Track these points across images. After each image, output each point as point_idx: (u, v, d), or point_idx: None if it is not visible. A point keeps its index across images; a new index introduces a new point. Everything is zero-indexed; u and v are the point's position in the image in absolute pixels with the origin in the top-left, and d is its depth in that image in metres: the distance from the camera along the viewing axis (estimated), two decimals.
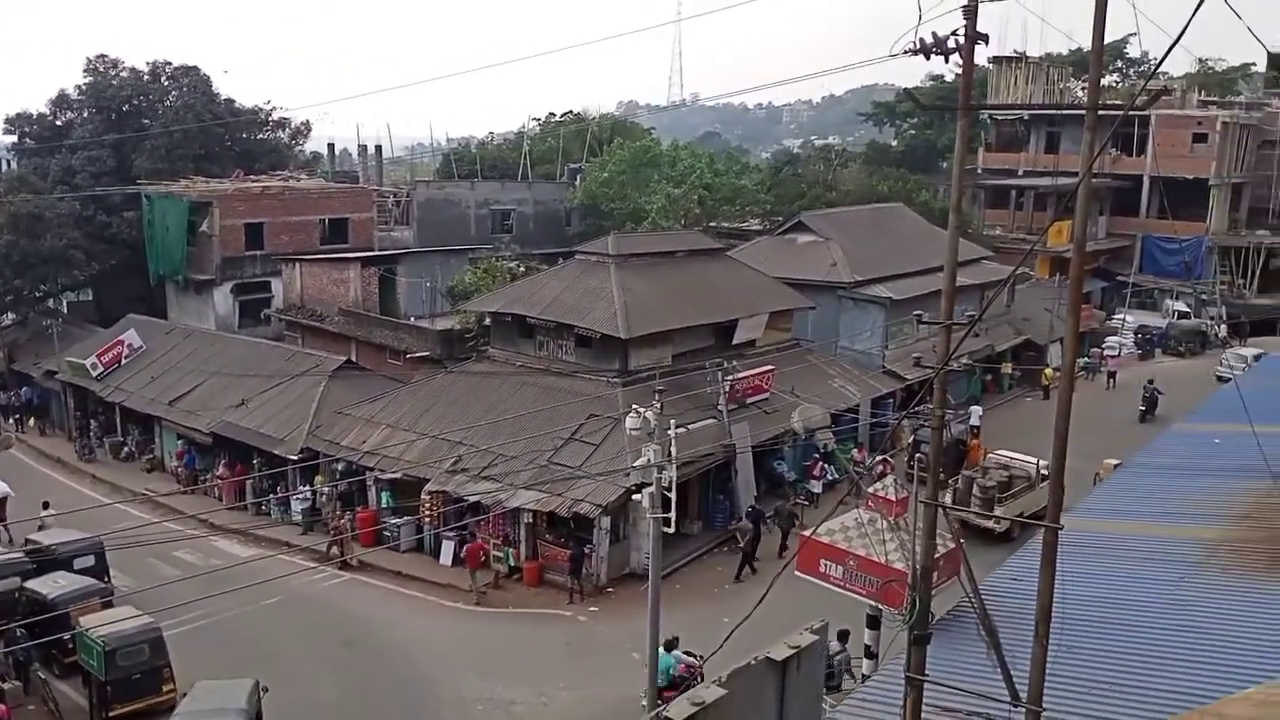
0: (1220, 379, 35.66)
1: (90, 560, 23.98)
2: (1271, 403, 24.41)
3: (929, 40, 9.25)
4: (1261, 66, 65.08)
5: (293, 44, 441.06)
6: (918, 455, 13.12)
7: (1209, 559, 16.02)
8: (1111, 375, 41.17)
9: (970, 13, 9.09)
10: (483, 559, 25.72)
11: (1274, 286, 54.52)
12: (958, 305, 14.96)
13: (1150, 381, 36.88)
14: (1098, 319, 48.82)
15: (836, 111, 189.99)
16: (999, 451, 28.28)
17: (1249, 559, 15.88)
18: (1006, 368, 41.05)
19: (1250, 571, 15.41)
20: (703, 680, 14.48)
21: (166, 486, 35.17)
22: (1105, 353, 42.57)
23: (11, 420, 43.14)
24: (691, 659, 17.89)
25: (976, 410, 35.52)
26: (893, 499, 15.21)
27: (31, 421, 43.57)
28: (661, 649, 17.37)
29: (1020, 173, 58.19)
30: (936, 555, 12.55)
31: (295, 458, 30.84)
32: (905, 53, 9.31)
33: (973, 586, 11.80)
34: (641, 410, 13.83)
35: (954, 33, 9.20)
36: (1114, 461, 25.08)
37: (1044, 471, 25.25)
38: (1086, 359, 42.23)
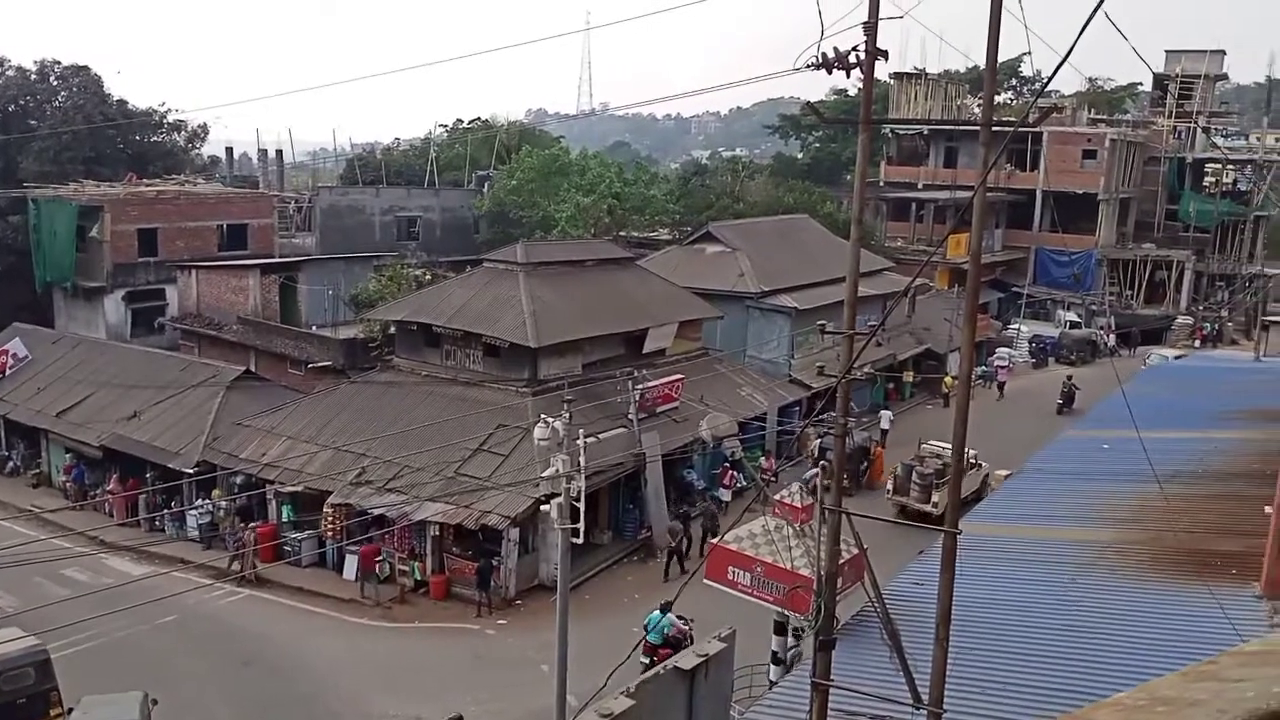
0: None
1: None
2: (1156, 408, 25.51)
3: (831, 55, 9.41)
4: (1147, 86, 68.21)
5: (191, 46, 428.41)
6: (822, 462, 13.33)
7: (1097, 560, 16.63)
8: (1000, 386, 42.46)
9: (870, 29, 9.28)
10: (377, 565, 25.30)
11: (1158, 297, 57.12)
12: (861, 315, 15.26)
13: (1069, 378, 39.45)
14: (994, 329, 50.36)
15: (744, 123, 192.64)
16: (930, 442, 29.39)
17: (1133, 560, 16.54)
18: (908, 376, 42.06)
19: (1134, 573, 16.05)
20: (693, 643, 14.73)
21: (54, 502, 33.61)
22: (995, 363, 43.87)
23: None
24: (684, 623, 18.69)
25: (887, 414, 36.63)
26: (798, 506, 15.41)
27: None
28: (657, 610, 18.80)
29: (920, 186, 59.76)
30: (841, 561, 12.76)
31: (191, 471, 29.85)
32: (808, 67, 9.46)
33: (876, 591, 12.02)
34: (550, 420, 13.76)
35: (855, 48, 9.38)
36: (1005, 473, 25.86)
37: (973, 460, 27.29)
38: (984, 367, 43.54)
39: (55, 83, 50.93)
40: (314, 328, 39.05)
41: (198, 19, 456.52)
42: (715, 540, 17.29)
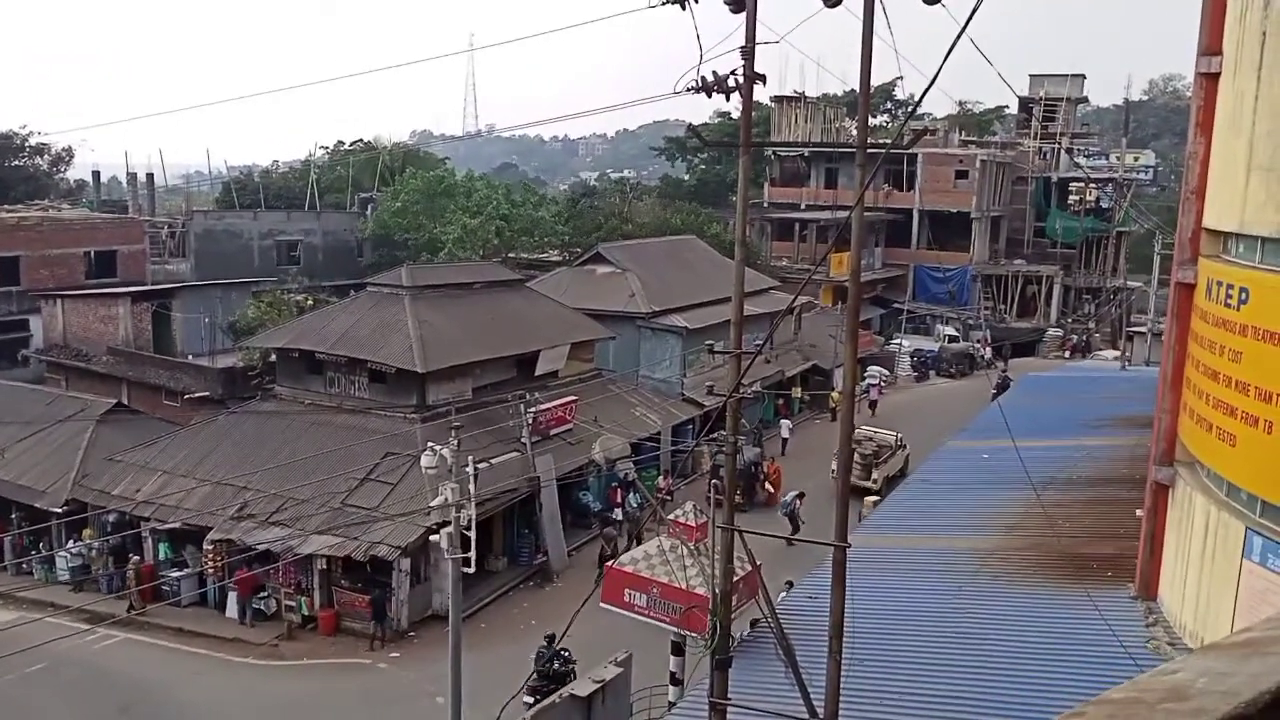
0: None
1: None
2: (1030, 419, 26.54)
3: (710, 79, 9.52)
4: (1013, 109, 71.31)
5: (54, 66, 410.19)
6: (714, 480, 13.25)
7: (982, 568, 17.15)
8: (873, 405, 42.56)
9: (748, 54, 9.42)
10: (263, 601, 24.56)
11: (1030, 311, 59.61)
12: (749, 333, 15.37)
13: (1004, 370, 42.38)
14: (877, 344, 51.69)
15: (631, 145, 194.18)
16: (863, 427, 31.72)
17: (1016, 566, 17.11)
18: (796, 392, 42.81)
19: (1018, 579, 16.60)
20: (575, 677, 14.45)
21: None
22: (866, 381, 44.10)
23: None
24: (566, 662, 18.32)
25: (786, 424, 37.79)
26: (693, 524, 15.45)
27: None
28: (543, 645, 18.52)
29: (803, 206, 61.09)
30: (736, 578, 12.83)
31: (60, 510, 28.34)
32: (688, 90, 9.55)
33: (770, 608, 12.12)
34: (437, 448, 13.46)
35: (733, 72, 9.51)
36: (873, 499, 26.36)
37: (901, 442, 32.67)
38: (886, 372, 44.84)
39: None
40: (190, 357, 37.66)
41: (61, 38, 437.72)
42: (608, 565, 17.17)
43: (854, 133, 61.11)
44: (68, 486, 28.74)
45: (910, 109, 63.61)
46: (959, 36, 7.31)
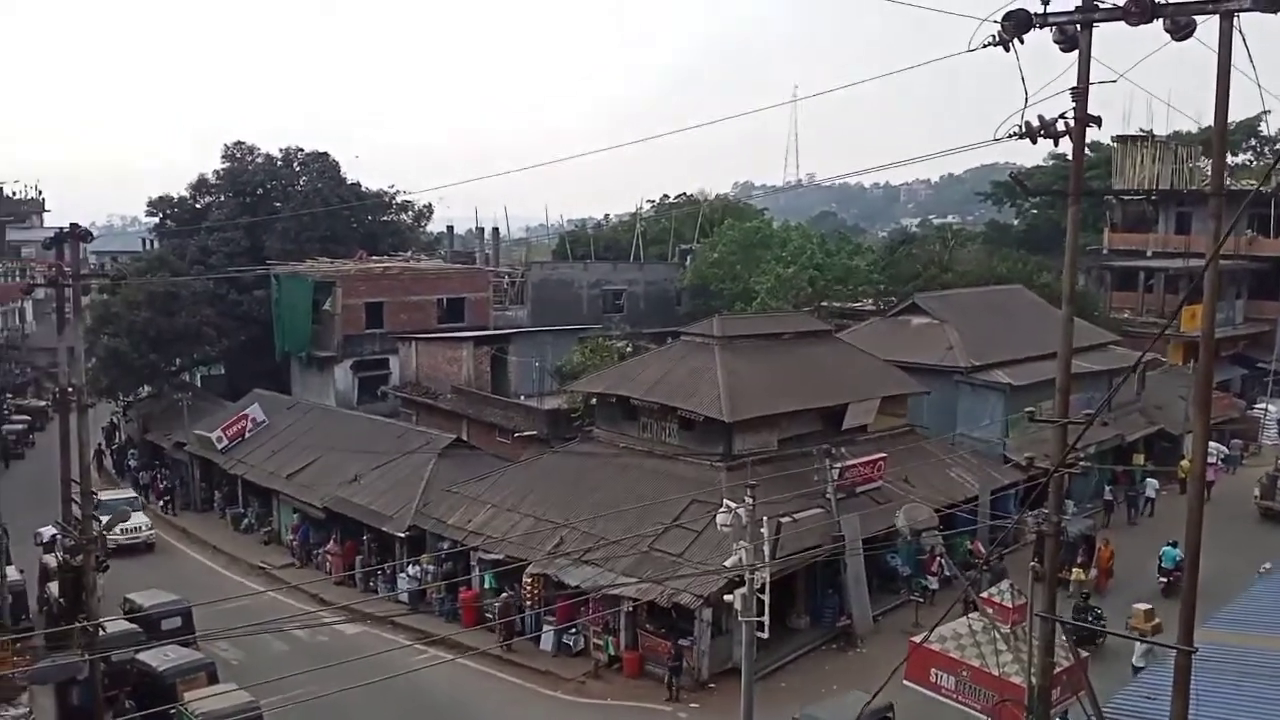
0: None
1: (177, 621, 25.06)
2: None
3: (1036, 124, 8.78)
4: None
5: (420, 131, 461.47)
6: (1034, 560, 11.94)
7: None
8: (1209, 485, 36.88)
9: (1080, 95, 8.60)
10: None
11: None
12: (1081, 393, 13.91)
13: None
14: (1237, 408, 45.91)
15: (955, 190, 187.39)
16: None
17: None
18: (1138, 459, 38.77)
19: None
20: None
21: (282, 559, 35.95)
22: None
23: (161, 503, 44.00)
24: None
25: (1153, 484, 34.93)
26: (1009, 606, 14.19)
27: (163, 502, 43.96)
28: None
29: (1149, 254, 55.80)
30: (1057, 670, 11.61)
31: (402, 535, 31.15)
32: (1010, 136, 8.85)
33: (1095, 709, 10.82)
34: (733, 506, 13.29)
35: (1062, 115, 8.71)
36: (1269, 564, 23.18)
37: None
38: (1227, 450, 39.60)
39: (298, 168, 55.69)
40: (521, 398, 40.25)
41: (429, 108, 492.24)
42: (913, 640, 16.12)
43: (1209, 174, 55.17)
44: (410, 513, 31.52)
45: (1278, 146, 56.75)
46: None
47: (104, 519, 34.03)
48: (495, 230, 64.86)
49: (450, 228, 68.55)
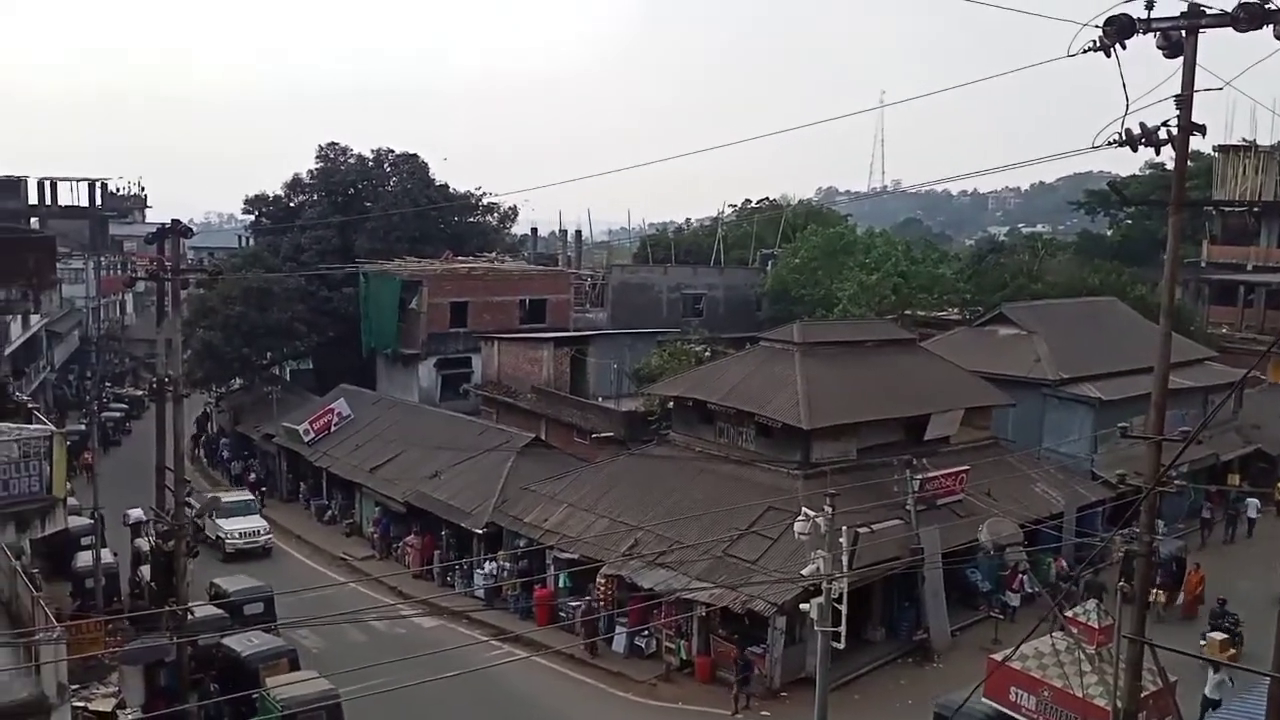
0: None
1: (259, 607, 25.77)
2: None
3: (1137, 132, 8.53)
4: None
5: (508, 132, 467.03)
6: (1122, 582, 11.53)
7: None
8: (1250, 524, 34.06)
9: (1184, 103, 8.33)
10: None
11: None
12: (1177, 410, 13.48)
13: None
14: None
15: (1046, 199, 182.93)
16: None
17: None
18: (1234, 479, 37.34)
19: None
20: None
21: (363, 551, 36.70)
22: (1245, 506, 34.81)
23: (258, 494, 44.84)
24: None
25: (1254, 503, 33.62)
26: (1095, 626, 13.80)
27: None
28: None
29: (1250, 267, 53.77)
30: (1144, 694, 11.25)
31: (480, 532, 31.57)
32: (1109, 144, 8.62)
33: None
34: (812, 514, 13.17)
35: (1165, 124, 8.45)
36: None
37: None
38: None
39: (388, 169, 56.84)
40: (599, 399, 40.48)
41: (519, 111, 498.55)
42: (993, 658, 15.74)
43: None
44: (488, 510, 31.93)
45: None
46: None
47: (226, 527, 35.72)
48: (578, 233, 65.45)
49: (534, 230, 69.36)
